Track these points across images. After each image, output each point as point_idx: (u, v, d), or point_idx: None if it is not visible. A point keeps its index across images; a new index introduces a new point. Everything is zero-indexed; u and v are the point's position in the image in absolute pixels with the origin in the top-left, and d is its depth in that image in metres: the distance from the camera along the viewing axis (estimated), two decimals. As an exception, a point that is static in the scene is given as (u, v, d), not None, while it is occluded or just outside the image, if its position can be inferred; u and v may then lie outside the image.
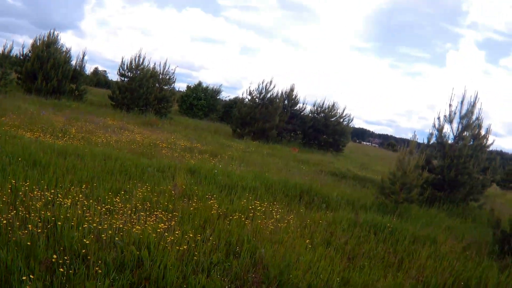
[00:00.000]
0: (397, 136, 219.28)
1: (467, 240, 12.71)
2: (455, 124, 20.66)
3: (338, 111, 47.00)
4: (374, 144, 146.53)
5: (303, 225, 11.58)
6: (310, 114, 47.07)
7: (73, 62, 39.83)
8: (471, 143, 20.15)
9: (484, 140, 20.42)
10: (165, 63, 43.10)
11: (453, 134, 20.68)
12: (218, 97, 56.92)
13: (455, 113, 20.62)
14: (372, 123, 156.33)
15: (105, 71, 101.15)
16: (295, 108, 46.36)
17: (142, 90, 39.16)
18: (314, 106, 47.48)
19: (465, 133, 20.25)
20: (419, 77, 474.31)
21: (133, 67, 40.36)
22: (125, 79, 40.54)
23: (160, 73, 42.44)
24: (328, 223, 12.13)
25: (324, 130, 45.97)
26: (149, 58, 66.27)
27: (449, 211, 18.20)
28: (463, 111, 20.44)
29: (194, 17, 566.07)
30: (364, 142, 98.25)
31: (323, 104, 47.17)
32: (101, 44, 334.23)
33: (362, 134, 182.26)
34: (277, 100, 40.95)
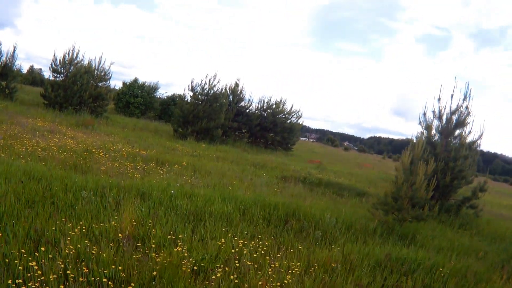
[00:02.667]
0: (334, 131, 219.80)
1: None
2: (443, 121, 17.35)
3: (286, 107, 43.94)
4: (311, 140, 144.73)
5: (311, 272, 8.04)
6: (256, 111, 43.59)
7: (3, 59, 34.70)
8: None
9: (479, 139, 17.12)
10: (101, 58, 38.29)
11: (439, 132, 17.31)
12: (155, 95, 52.27)
13: (444, 108, 17.14)
14: (309, 118, 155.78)
15: (40, 69, 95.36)
16: (241, 104, 42.72)
17: (76, 87, 34.43)
18: (260, 102, 44.15)
19: (457, 131, 16.81)
20: (357, 72, 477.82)
21: (67, 62, 35.51)
22: (59, 75, 35.57)
23: (95, 68, 37.48)
24: (340, 263, 8.73)
25: (272, 128, 42.74)
26: (83, 53, 60.74)
27: (448, 223, 16.08)
28: (453, 106, 17.03)
29: (129, 14, 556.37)
30: (302, 138, 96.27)
31: (270, 100, 43.99)
32: (37, 42, 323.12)
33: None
34: (222, 97, 36.91)
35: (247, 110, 43.22)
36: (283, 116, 43.60)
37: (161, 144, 25.93)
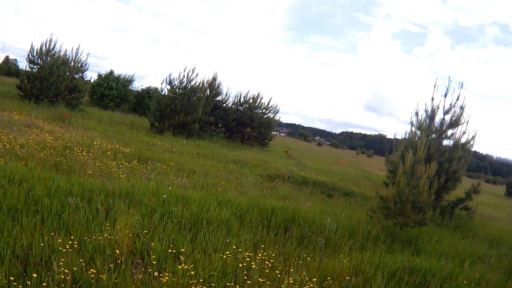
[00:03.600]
0: (306, 125, 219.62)
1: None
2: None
3: (263, 102, 42.76)
4: (283, 134, 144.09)
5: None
6: (233, 106, 42.30)
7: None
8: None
9: (472, 140, 16.54)
10: (78, 49, 36.70)
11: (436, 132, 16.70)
12: (130, 87, 50.84)
13: (438, 107, 16.48)
14: (281, 112, 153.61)
15: (16, 59, 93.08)
16: (218, 99, 41.49)
17: (52, 79, 33.11)
18: (237, 97, 42.92)
19: (450, 131, 16.20)
20: (331, 66, 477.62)
21: (44, 53, 34.08)
22: (35, 66, 34.14)
23: (71, 60, 36.07)
24: (352, 275, 8.03)
25: (249, 123, 41.52)
26: (60, 43, 59.04)
27: (443, 225, 15.78)
28: (447, 106, 16.38)
29: (105, 5, 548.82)
30: (273, 132, 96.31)
31: (247, 95, 42.74)
32: (13, 32, 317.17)
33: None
34: (200, 91, 35.87)
35: (224, 105, 42.13)
36: (260, 111, 42.50)
37: (139, 140, 24.87)
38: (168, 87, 35.68)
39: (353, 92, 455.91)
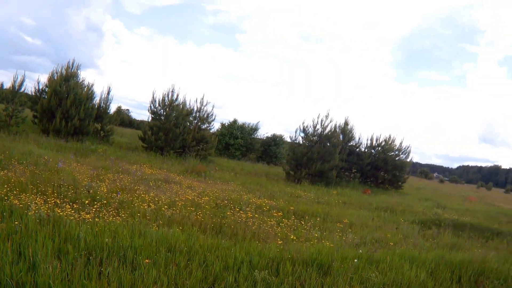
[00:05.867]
0: (423, 163, 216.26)
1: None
2: None
3: (395, 144, 41.58)
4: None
5: None
6: (366, 150, 41.37)
7: (97, 99, 33.08)
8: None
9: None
10: (202, 99, 36.16)
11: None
12: (255, 135, 50.14)
13: None
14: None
15: (128, 109, 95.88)
16: (351, 144, 40.35)
17: (178, 130, 32.45)
18: (368, 140, 42.13)
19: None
20: (441, 100, 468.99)
21: (166, 104, 33.62)
22: (158, 117, 33.69)
23: (197, 110, 35.45)
24: None
25: (383, 166, 40.48)
26: (183, 94, 59.13)
27: None
28: None
29: (213, 53, 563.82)
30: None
31: (379, 137, 42.05)
32: (120, 83, 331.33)
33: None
34: (335, 137, 34.24)
35: (357, 149, 41.07)
36: (393, 154, 41.24)
37: (282, 191, 23.92)
38: (302, 134, 34.67)
39: (466, 124, 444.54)
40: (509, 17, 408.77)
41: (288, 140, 50.01)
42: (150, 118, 35.00)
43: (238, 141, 47.04)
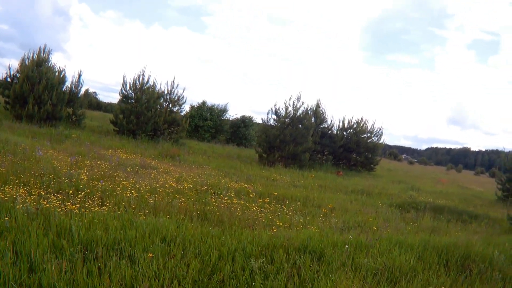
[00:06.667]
0: (391, 144, 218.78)
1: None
2: None
3: (367, 126, 41.75)
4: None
5: None
6: (338, 132, 41.33)
7: (68, 84, 32.58)
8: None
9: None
10: (173, 81, 35.84)
11: None
12: (224, 117, 49.85)
13: None
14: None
15: (95, 92, 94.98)
16: (323, 126, 40.17)
17: (150, 113, 32.11)
18: (340, 122, 42.00)
19: None
20: (411, 83, 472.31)
21: (137, 87, 33.20)
22: (129, 100, 33.28)
23: (167, 93, 35.11)
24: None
25: (355, 149, 40.66)
26: (154, 77, 58.41)
27: None
28: None
29: (180, 36, 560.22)
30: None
31: (351, 119, 42.10)
32: (87, 66, 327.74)
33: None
34: (308, 119, 34.39)
35: (330, 132, 41.13)
36: (366, 136, 41.43)
37: (258, 174, 24.01)
38: (274, 117, 34.48)
39: (435, 107, 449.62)
40: (477, 1, 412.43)
41: (257, 121, 50.09)
42: (121, 102, 34.56)
43: (208, 123, 46.79)
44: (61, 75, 31.05)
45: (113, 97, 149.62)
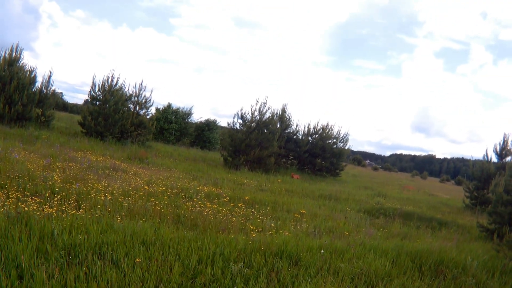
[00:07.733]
0: (355, 150, 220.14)
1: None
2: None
3: (333, 131, 41.91)
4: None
5: None
6: (303, 137, 41.33)
7: (38, 84, 32.21)
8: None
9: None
10: (141, 84, 35.53)
11: None
12: (189, 120, 49.76)
13: None
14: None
15: (61, 93, 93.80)
16: (288, 131, 40.43)
17: (117, 116, 31.95)
18: (306, 127, 42.43)
19: None
20: (376, 89, 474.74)
21: (106, 89, 32.98)
22: (97, 102, 33.05)
23: (135, 95, 34.92)
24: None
25: (321, 154, 40.60)
26: (123, 79, 57.80)
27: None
28: None
29: (147, 37, 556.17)
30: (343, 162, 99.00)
31: (317, 125, 42.17)
32: (55, 66, 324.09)
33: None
34: (273, 124, 34.54)
35: (295, 136, 41.23)
36: (331, 142, 41.61)
37: (225, 178, 24.08)
38: (240, 121, 34.60)
39: (400, 114, 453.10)
40: (448, 8, 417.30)
41: (221, 125, 50.09)
42: (90, 103, 34.31)
43: (173, 125, 46.68)
44: (32, 75, 30.71)
45: (79, 98, 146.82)
